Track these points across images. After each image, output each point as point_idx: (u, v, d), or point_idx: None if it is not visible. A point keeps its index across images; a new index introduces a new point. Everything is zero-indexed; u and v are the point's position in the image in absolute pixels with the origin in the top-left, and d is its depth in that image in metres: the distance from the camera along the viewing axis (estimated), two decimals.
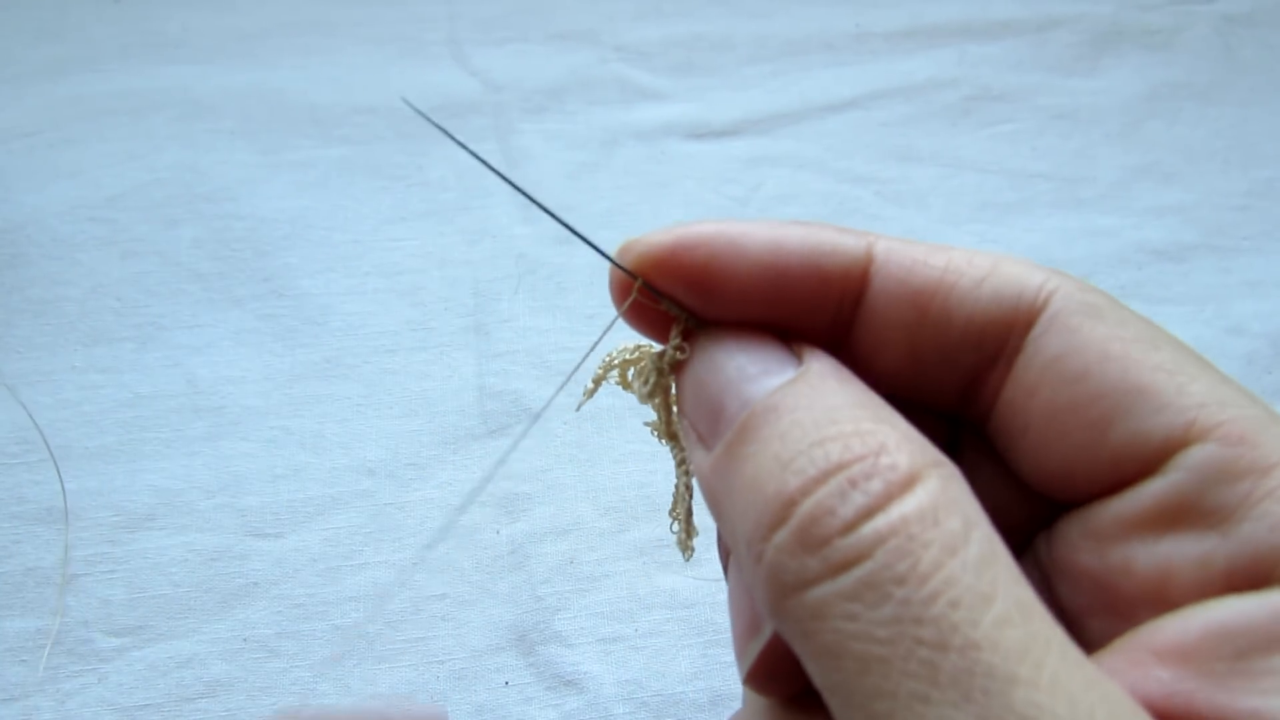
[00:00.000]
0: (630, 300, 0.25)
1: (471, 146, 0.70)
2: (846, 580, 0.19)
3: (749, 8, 0.80)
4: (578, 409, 0.29)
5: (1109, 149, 0.72)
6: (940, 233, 0.66)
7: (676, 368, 0.25)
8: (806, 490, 0.20)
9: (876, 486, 0.19)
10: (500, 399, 0.56)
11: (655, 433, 0.28)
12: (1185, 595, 0.21)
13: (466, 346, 0.58)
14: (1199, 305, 0.63)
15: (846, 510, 0.19)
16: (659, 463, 0.53)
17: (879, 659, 0.18)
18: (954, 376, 0.24)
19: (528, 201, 0.67)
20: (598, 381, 0.28)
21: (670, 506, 0.29)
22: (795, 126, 0.72)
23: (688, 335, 0.25)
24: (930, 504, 0.19)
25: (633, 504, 0.52)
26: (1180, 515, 0.21)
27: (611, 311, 0.26)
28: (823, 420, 0.21)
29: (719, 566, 0.50)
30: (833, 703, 0.19)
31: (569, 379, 0.22)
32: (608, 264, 0.25)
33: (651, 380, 0.26)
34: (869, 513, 0.19)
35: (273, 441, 0.53)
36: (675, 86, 0.74)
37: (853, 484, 0.20)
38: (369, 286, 0.61)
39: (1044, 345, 0.23)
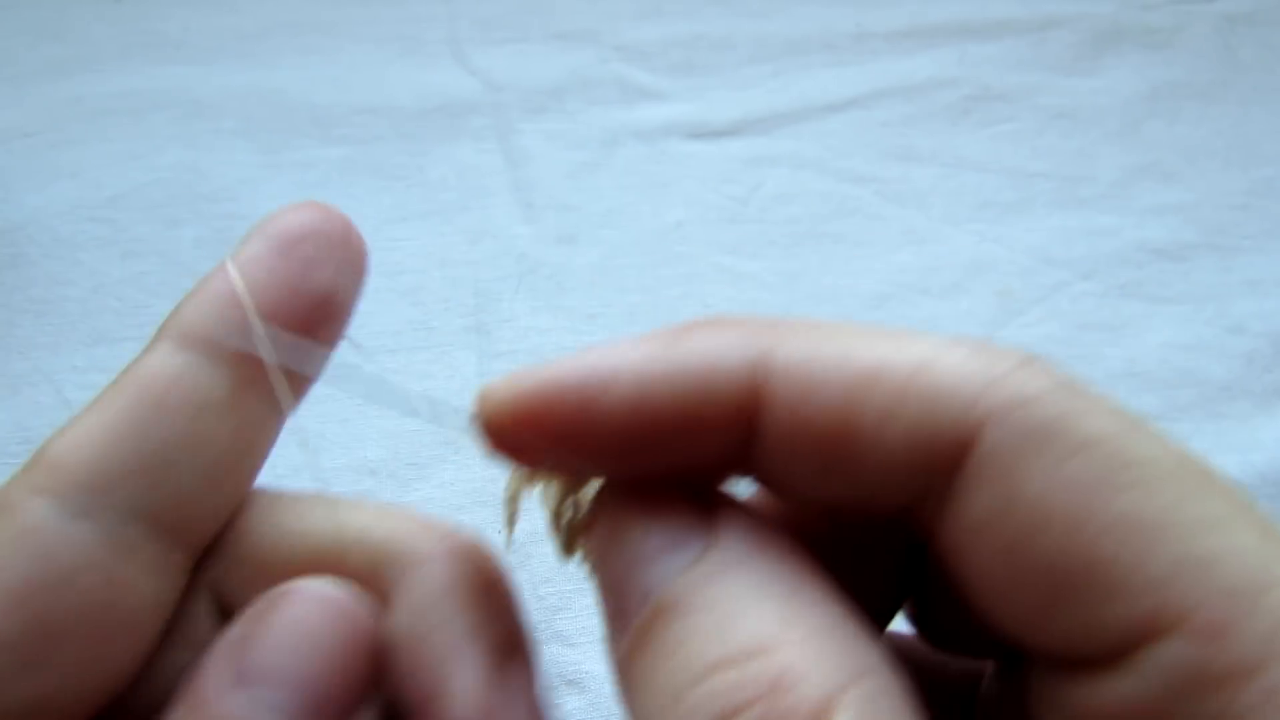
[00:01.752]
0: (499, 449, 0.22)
1: (472, 147, 0.71)
2: None
3: (749, 8, 0.80)
4: (508, 546, 0.27)
5: (1109, 148, 0.72)
6: (940, 232, 0.66)
7: (582, 528, 0.23)
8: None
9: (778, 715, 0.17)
10: None
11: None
12: None
13: (467, 346, 0.58)
14: (1199, 304, 0.63)
15: None
16: None
17: None
18: (880, 510, 0.21)
19: (529, 201, 0.67)
20: (510, 516, 0.26)
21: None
22: (795, 126, 0.72)
23: (580, 499, 0.23)
24: None
25: None
26: None
27: (612, 311, 0.26)
28: (719, 631, 0.18)
29: None
30: None
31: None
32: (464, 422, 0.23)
33: (563, 543, 0.24)
34: None
35: None
36: (675, 86, 0.74)
37: (762, 714, 0.17)
38: (369, 286, 0.61)
39: (973, 500, 0.19)
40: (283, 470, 0.54)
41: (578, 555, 0.24)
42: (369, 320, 0.59)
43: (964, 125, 0.73)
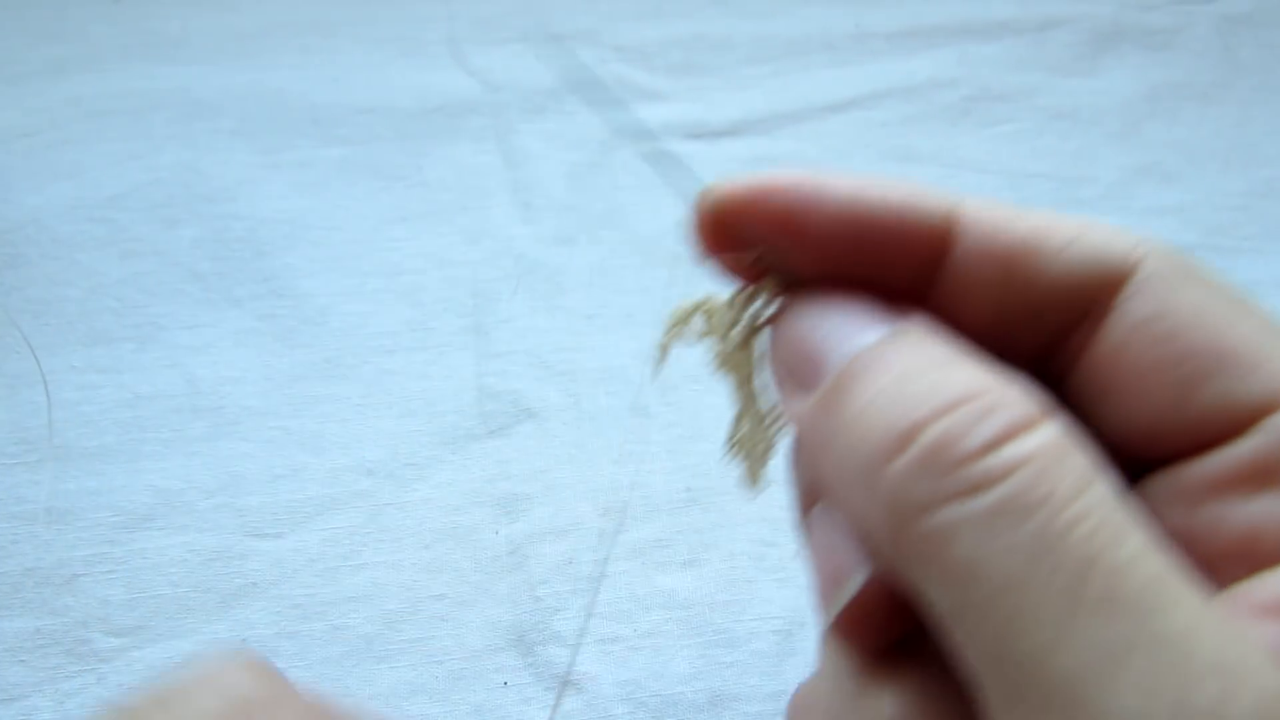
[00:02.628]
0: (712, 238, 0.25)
1: (471, 147, 0.71)
2: (980, 502, 0.18)
3: (749, 8, 0.80)
4: (653, 379, 0.29)
5: (1109, 149, 0.72)
6: None
7: (770, 322, 0.25)
8: (933, 417, 0.20)
9: (1005, 417, 0.19)
10: (499, 399, 0.56)
11: (718, 365, 0.28)
12: (1275, 553, 0.21)
13: (466, 347, 0.58)
14: None
15: (978, 435, 0.19)
16: (658, 463, 0.53)
17: (1018, 580, 0.18)
18: (1037, 336, 0.24)
19: (528, 201, 0.67)
20: (667, 345, 0.28)
21: (732, 447, 0.29)
22: (795, 126, 0.72)
23: (779, 291, 0.25)
24: (1058, 441, 0.19)
25: (632, 504, 0.52)
26: (1269, 476, 0.21)
27: (610, 311, 0.26)
28: (938, 363, 0.21)
29: (718, 567, 0.50)
30: (960, 627, 0.19)
31: None
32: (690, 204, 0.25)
33: (736, 337, 0.26)
34: (1002, 439, 0.19)
35: (272, 442, 0.53)
36: (675, 87, 0.74)
37: (982, 414, 0.19)
38: (368, 287, 0.61)
39: (1134, 306, 0.23)
40: (281, 470, 0.54)
41: (752, 353, 0.26)
42: (367, 320, 0.59)
43: (964, 126, 0.73)
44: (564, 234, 0.64)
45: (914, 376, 0.21)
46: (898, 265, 0.24)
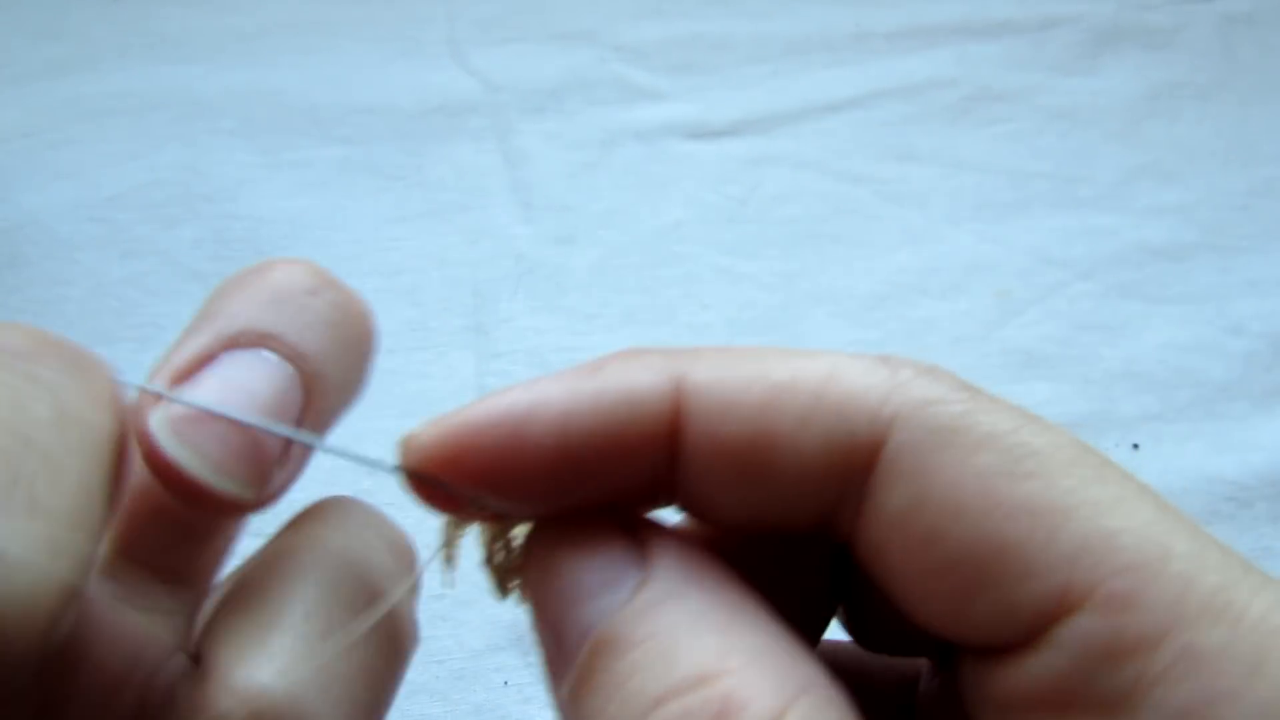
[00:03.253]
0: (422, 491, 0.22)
1: (471, 147, 0.71)
2: None
3: (748, 7, 0.80)
4: (451, 586, 0.27)
5: (1108, 148, 0.72)
6: (939, 232, 0.66)
7: (515, 569, 0.23)
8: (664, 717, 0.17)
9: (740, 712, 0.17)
10: None
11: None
12: None
13: (466, 346, 0.58)
14: (1199, 305, 0.63)
15: None
16: None
17: None
18: (801, 520, 0.21)
19: (528, 201, 0.67)
20: (451, 558, 0.25)
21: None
22: (795, 126, 0.72)
23: (509, 540, 0.23)
24: None
25: None
26: (1070, 703, 0.18)
27: (610, 311, 0.25)
28: (663, 663, 0.18)
29: None
30: None
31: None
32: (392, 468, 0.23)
33: (496, 585, 0.24)
34: None
35: None
36: (674, 86, 0.74)
37: (717, 710, 0.17)
38: (368, 286, 0.60)
39: (886, 500, 0.19)
40: None
41: (513, 596, 0.24)
42: None
43: (963, 125, 0.73)
44: (564, 234, 0.64)
45: (639, 685, 0.18)
46: (630, 478, 0.21)
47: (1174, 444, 0.56)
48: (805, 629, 0.22)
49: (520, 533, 0.23)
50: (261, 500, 0.24)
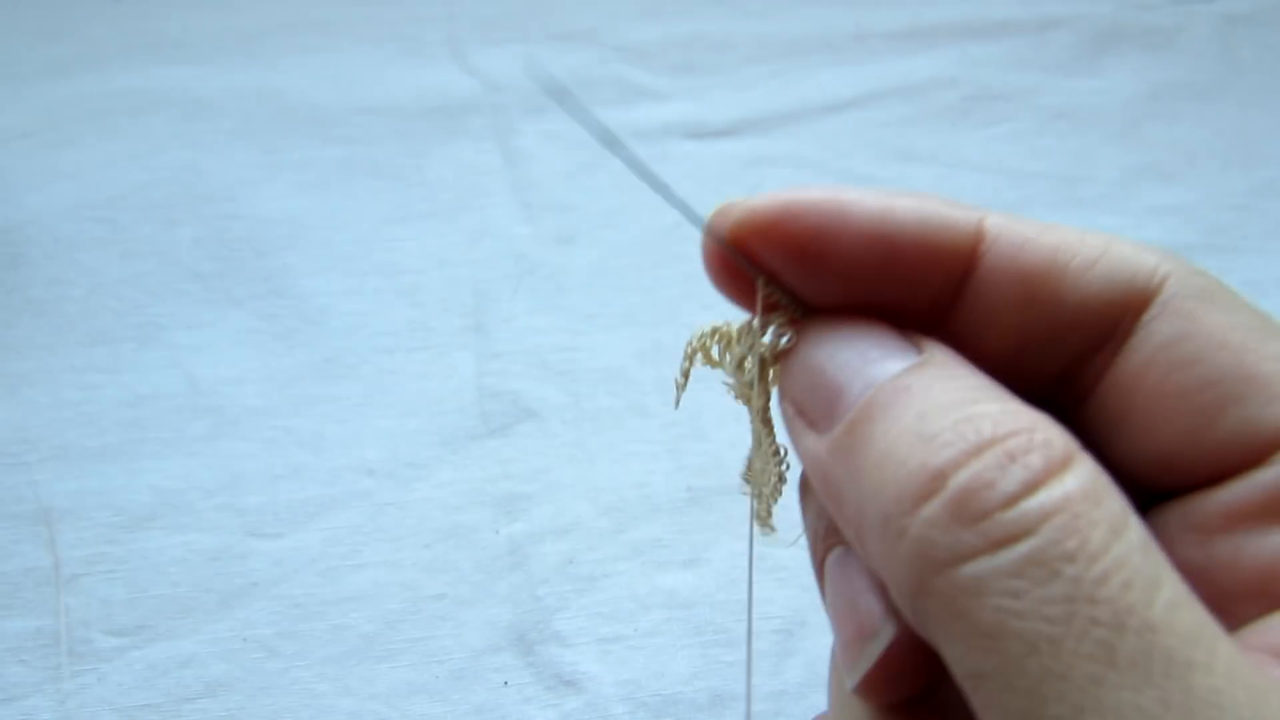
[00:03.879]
0: (718, 264, 0.24)
1: (471, 147, 0.71)
2: (1010, 555, 0.17)
3: (749, 7, 0.80)
4: (676, 405, 0.28)
5: (1109, 149, 0.72)
6: None
7: (782, 355, 0.24)
8: (959, 462, 0.18)
9: (1036, 462, 0.18)
10: (500, 399, 0.56)
11: (735, 396, 0.27)
12: None
13: (466, 346, 0.58)
14: None
15: (1007, 484, 0.18)
16: (658, 463, 0.53)
17: (1049, 639, 0.17)
18: (1058, 358, 0.24)
19: (528, 201, 0.67)
20: (687, 373, 0.27)
21: (746, 482, 0.28)
22: (795, 126, 0.72)
23: (793, 322, 0.24)
24: (1091, 484, 0.18)
25: (633, 504, 0.52)
26: None
27: (610, 311, 0.25)
28: (963, 399, 0.20)
29: (719, 566, 0.50)
30: (984, 689, 0.18)
31: None
32: (699, 230, 0.24)
33: (752, 368, 0.25)
34: (1032, 487, 0.18)
35: (272, 441, 0.53)
36: (675, 86, 0.74)
37: (1011, 458, 0.18)
38: (369, 286, 0.61)
39: (1156, 329, 0.22)
40: (282, 470, 0.54)
41: (763, 387, 0.25)
42: (368, 320, 0.59)
43: (963, 125, 0.73)
44: (564, 233, 0.64)
45: (937, 414, 0.19)
46: (922, 285, 0.23)
47: None
48: None
49: (765, 343, 0.25)
50: None
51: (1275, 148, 0.72)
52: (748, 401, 0.27)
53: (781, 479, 0.27)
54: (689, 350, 0.27)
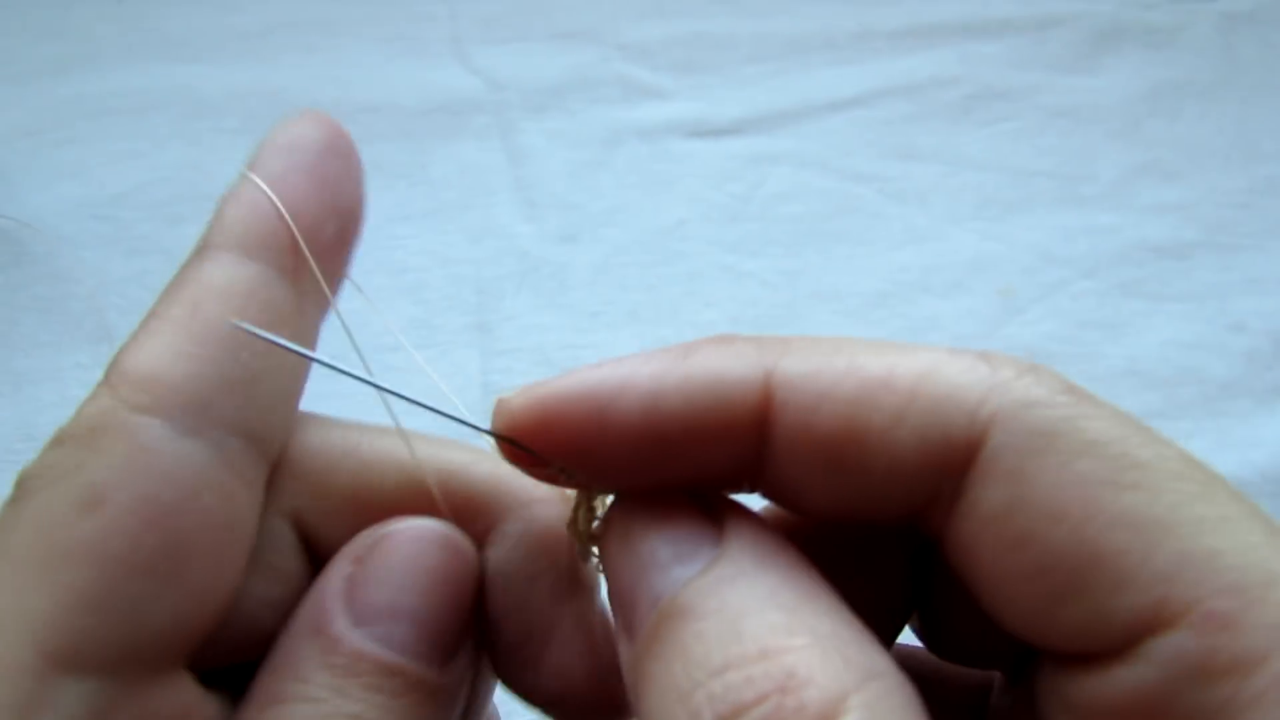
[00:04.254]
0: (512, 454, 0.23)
1: (474, 146, 0.71)
2: None
3: (751, 6, 0.80)
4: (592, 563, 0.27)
5: (1110, 147, 0.72)
6: (942, 231, 0.66)
7: (594, 541, 0.24)
8: (723, 695, 0.17)
9: (800, 702, 0.17)
10: None
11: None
12: None
13: (470, 344, 0.58)
14: (1200, 303, 0.63)
15: None
16: None
17: None
18: (887, 516, 0.21)
19: (531, 200, 0.67)
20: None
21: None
22: (797, 125, 0.72)
23: (594, 507, 0.23)
24: None
25: None
26: (1155, 718, 0.18)
27: (614, 308, 0.25)
28: (729, 634, 0.18)
29: None
30: None
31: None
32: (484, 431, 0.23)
33: (580, 550, 0.24)
34: None
35: None
36: (677, 85, 0.74)
37: (782, 692, 0.17)
38: (372, 285, 0.61)
39: (981, 498, 0.19)
40: None
41: (594, 561, 0.24)
42: (372, 318, 0.59)
43: (965, 124, 0.73)
44: (568, 232, 0.65)
45: (704, 652, 0.18)
46: (714, 463, 0.21)
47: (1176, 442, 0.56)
48: (879, 630, 0.21)
49: (605, 499, 0.23)
50: None
51: (1276, 145, 0.72)
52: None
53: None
54: (571, 519, 0.25)
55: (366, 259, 0.67)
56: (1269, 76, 0.77)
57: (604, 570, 0.22)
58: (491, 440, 0.23)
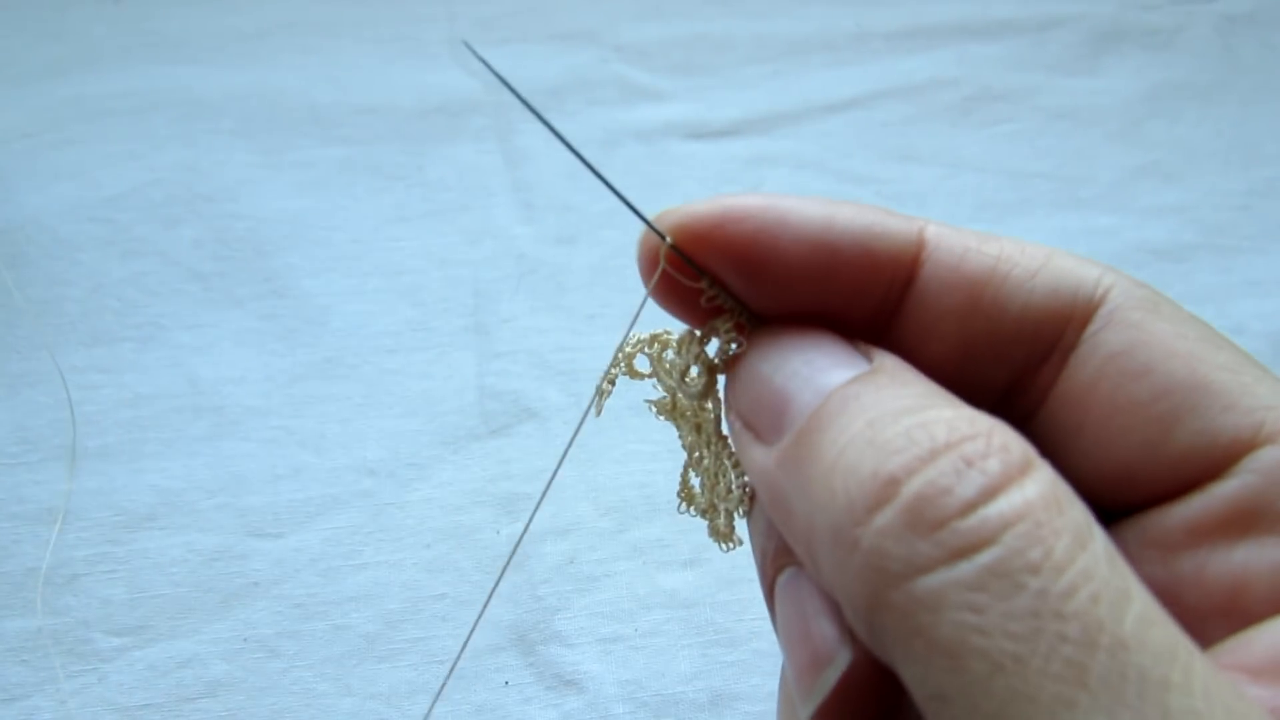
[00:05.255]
0: (659, 274, 0.23)
1: (472, 147, 0.71)
2: (970, 567, 0.16)
3: (749, 7, 0.80)
4: (598, 414, 0.26)
5: (1109, 149, 0.72)
6: None
7: (729, 364, 0.23)
8: (913, 468, 0.17)
9: (994, 466, 0.17)
10: (500, 399, 0.56)
11: (660, 413, 0.26)
12: (1262, 606, 0.19)
13: (467, 346, 0.58)
14: (1199, 305, 0.62)
15: (965, 489, 0.17)
16: (659, 463, 0.53)
17: (1014, 657, 0.16)
18: (1003, 369, 0.23)
19: (529, 201, 0.67)
20: (613, 379, 0.26)
21: (687, 502, 0.27)
22: (795, 126, 0.72)
23: (739, 329, 0.23)
24: (1052, 490, 0.17)
25: (633, 504, 0.52)
26: (1253, 521, 0.19)
27: (611, 311, 0.25)
28: (916, 405, 0.19)
29: (719, 566, 0.50)
30: (946, 712, 0.16)
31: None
32: (639, 234, 0.24)
33: (698, 379, 0.24)
34: (990, 493, 0.17)
35: (273, 441, 0.53)
36: (675, 86, 0.74)
37: (968, 463, 0.17)
38: (369, 286, 0.61)
39: (1103, 340, 0.22)
40: (283, 470, 0.54)
41: (714, 396, 0.24)
42: (369, 320, 0.59)
43: (964, 125, 0.73)
44: (565, 234, 0.64)
45: (889, 420, 0.18)
46: (864, 293, 0.23)
47: None
48: None
49: (717, 343, 0.24)
50: None
51: (1275, 147, 0.72)
52: (679, 417, 0.25)
53: (745, 489, 0.26)
54: (619, 356, 0.26)
55: (364, 260, 0.67)
56: (1268, 78, 0.77)
57: (737, 382, 0.23)
58: (660, 241, 0.23)
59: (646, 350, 0.26)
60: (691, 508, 0.27)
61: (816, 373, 0.21)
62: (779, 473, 0.20)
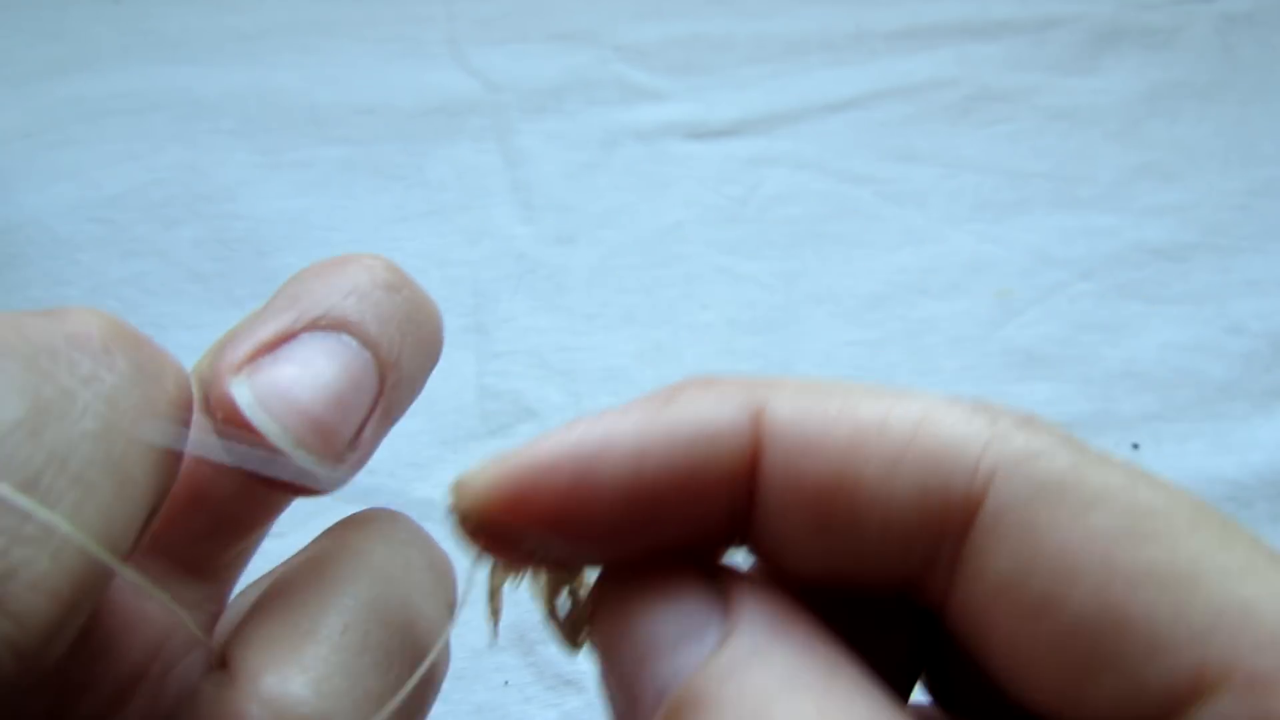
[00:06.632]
0: (477, 550, 0.20)
1: (471, 147, 0.71)
2: None
3: (748, 7, 0.80)
4: (496, 637, 0.25)
5: (1108, 148, 0.72)
6: (939, 233, 0.66)
7: (586, 618, 0.21)
8: None
9: None
10: (500, 399, 0.56)
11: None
12: None
13: (466, 346, 0.58)
14: (1198, 305, 0.63)
15: None
16: None
17: None
18: (884, 577, 0.19)
19: (528, 201, 0.67)
20: (497, 614, 0.24)
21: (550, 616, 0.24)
22: (795, 126, 0.72)
23: (579, 586, 0.21)
24: None
25: None
26: None
27: (610, 311, 0.25)
28: (777, 693, 0.16)
29: None
30: None
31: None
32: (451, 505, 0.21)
33: (566, 638, 0.22)
34: None
35: None
36: (675, 86, 0.74)
37: None
38: None
39: (989, 561, 0.17)
40: None
41: (585, 648, 0.22)
42: None
43: (963, 125, 0.73)
44: (564, 234, 0.64)
45: None
46: (706, 521, 0.19)
47: (1174, 444, 0.56)
48: (896, 691, 0.20)
49: (587, 577, 0.21)
50: (333, 481, 0.23)
51: (1275, 147, 0.72)
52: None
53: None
54: (489, 589, 0.23)
55: None
56: (1268, 78, 0.77)
57: (598, 656, 0.20)
58: (454, 524, 0.20)
59: (506, 582, 0.23)
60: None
61: (660, 654, 0.18)
62: None
